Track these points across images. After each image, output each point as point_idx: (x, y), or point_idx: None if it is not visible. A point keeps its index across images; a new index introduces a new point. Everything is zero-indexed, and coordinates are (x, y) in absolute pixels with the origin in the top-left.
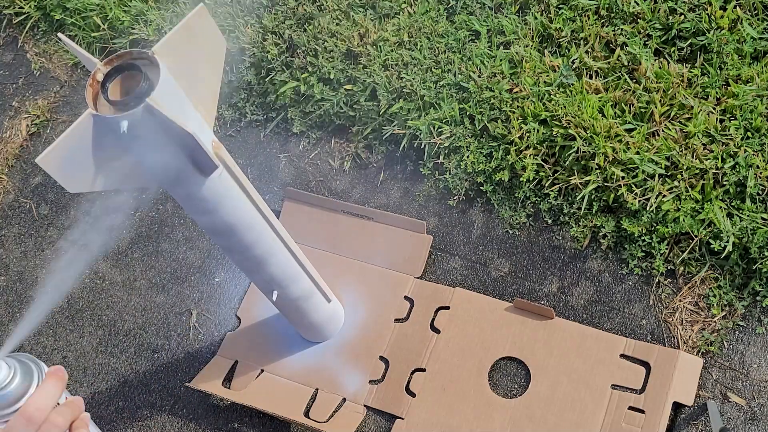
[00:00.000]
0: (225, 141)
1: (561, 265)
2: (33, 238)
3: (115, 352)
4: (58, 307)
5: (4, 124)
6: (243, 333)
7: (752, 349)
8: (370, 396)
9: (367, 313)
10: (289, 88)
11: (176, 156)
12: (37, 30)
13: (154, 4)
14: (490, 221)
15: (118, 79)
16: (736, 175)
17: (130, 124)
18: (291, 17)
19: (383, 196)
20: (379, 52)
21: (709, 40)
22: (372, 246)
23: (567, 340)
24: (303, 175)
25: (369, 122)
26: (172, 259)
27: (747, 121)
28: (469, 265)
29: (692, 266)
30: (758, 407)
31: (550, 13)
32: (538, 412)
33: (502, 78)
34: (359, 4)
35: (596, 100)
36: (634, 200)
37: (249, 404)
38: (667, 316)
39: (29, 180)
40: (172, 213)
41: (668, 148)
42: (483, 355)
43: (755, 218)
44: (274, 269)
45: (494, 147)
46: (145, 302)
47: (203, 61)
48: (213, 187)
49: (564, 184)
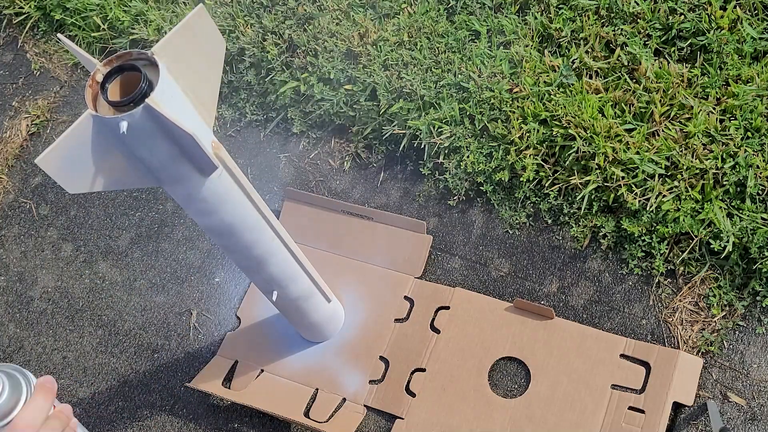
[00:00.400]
0: (225, 141)
1: (561, 265)
2: (33, 238)
3: (115, 352)
4: (58, 307)
5: (4, 124)
6: (243, 333)
7: (752, 349)
8: (370, 396)
9: (367, 313)
10: (289, 88)
11: (176, 157)
12: (37, 30)
13: (154, 4)
14: (490, 221)
15: (117, 79)
16: (736, 175)
17: (129, 125)
18: (291, 17)
19: (383, 196)
20: (379, 52)
21: (709, 40)
22: (372, 246)
23: (567, 340)
24: (303, 175)
25: (369, 122)
26: (172, 259)
27: (747, 121)
28: (469, 265)
29: (692, 266)
30: (758, 407)
31: (550, 13)
32: (538, 412)
33: (502, 78)
34: (359, 4)
35: (596, 100)
36: (634, 200)
37: (249, 404)
38: (667, 316)
39: (29, 180)
40: (172, 213)
41: (668, 148)
42: (483, 355)
43: (755, 218)
44: (274, 269)
45: (494, 147)
46: (145, 302)
47: (203, 61)
48: (213, 187)
49: (564, 184)
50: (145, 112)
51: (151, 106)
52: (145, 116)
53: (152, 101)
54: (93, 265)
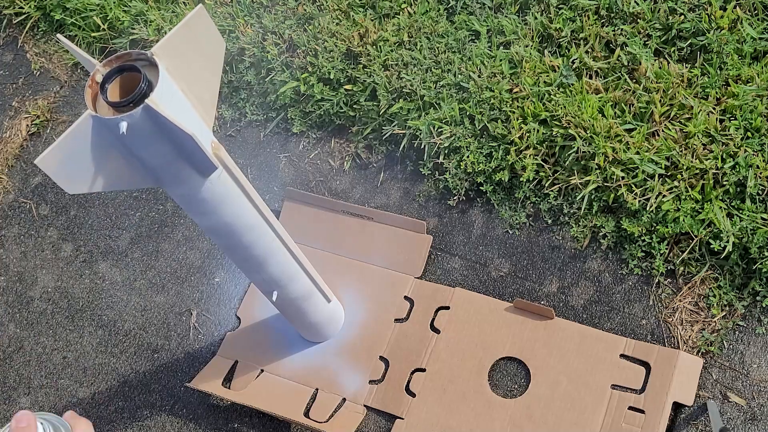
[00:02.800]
0: (225, 141)
1: (561, 265)
2: (33, 238)
3: (115, 352)
4: (58, 307)
5: (4, 124)
6: (243, 333)
7: (752, 349)
8: (370, 396)
9: (367, 313)
10: (289, 88)
11: (175, 157)
12: (37, 30)
13: (154, 4)
14: (489, 221)
15: (117, 80)
16: (736, 175)
17: (129, 126)
18: (291, 17)
19: (383, 196)
20: (379, 52)
21: (709, 40)
22: (372, 246)
23: (567, 340)
24: (303, 175)
25: (369, 122)
26: (172, 259)
27: (747, 121)
28: (469, 265)
29: (692, 266)
30: (758, 407)
31: (550, 13)
32: (538, 412)
33: (502, 78)
34: (359, 4)
35: (596, 100)
36: (634, 200)
37: (249, 404)
38: (667, 316)
39: (29, 180)
40: (172, 213)
41: (668, 148)
42: (483, 355)
43: (755, 218)
44: (274, 269)
45: (494, 147)
46: (145, 302)
47: (202, 61)
48: (212, 187)
49: (564, 184)
50: (145, 112)
51: (151, 107)
52: (144, 117)
53: (152, 101)
54: (93, 265)
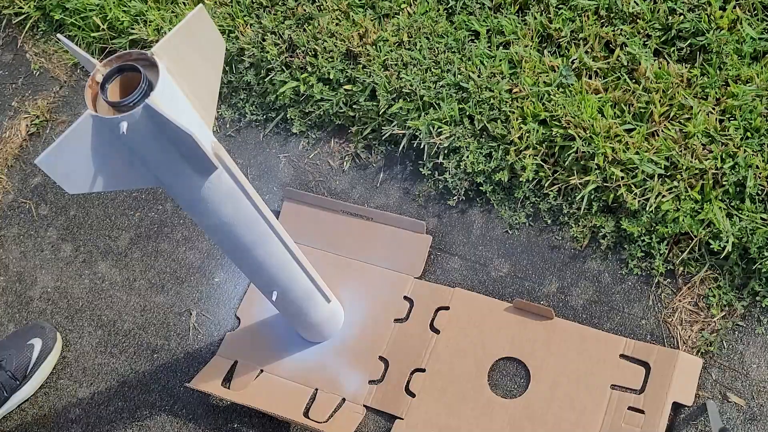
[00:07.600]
0: (224, 141)
1: (560, 265)
2: (33, 238)
3: (114, 352)
4: (58, 307)
5: (4, 124)
6: (243, 333)
7: (752, 349)
8: (370, 396)
9: (366, 313)
10: (289, 88)
11: (175, 157)
12: (36, 30)
13: (153, 4)
14: (489, 221)
15: (117, 80)
16: (736, 175)
17: (129, 125)
18: (291, 17)
19: (383, 196)
20: (379, 52)
21: (709, 41)
22: (372, 246)
23: (567, 340)
24: (303, 176)
25: (368, 122)
26: (172, 259)
27: (746, 121)
28: (468, 265)
29: (692, 266)
30: (758, 407)
31: (549, 14)
32: (538, 412)
33: (502, 78)
34: (359, 4)
35: (596, 100)
36: (634, 200)
37: (248, 404)
38: (666, 317)
39: (29, 180)
40: (172, 213)
41: (668, 148)
42: (483, 355)
43: (755, 218)
44: (274, 269)
45: (494, 147)
46: (145, 302)
47: (202, 61)
48: (212, 187)
49: (563, 184)
50: (145, 112)
51: (151, 107)
52: (145, 116)
53: (152, 101)
54: (92, 265)
